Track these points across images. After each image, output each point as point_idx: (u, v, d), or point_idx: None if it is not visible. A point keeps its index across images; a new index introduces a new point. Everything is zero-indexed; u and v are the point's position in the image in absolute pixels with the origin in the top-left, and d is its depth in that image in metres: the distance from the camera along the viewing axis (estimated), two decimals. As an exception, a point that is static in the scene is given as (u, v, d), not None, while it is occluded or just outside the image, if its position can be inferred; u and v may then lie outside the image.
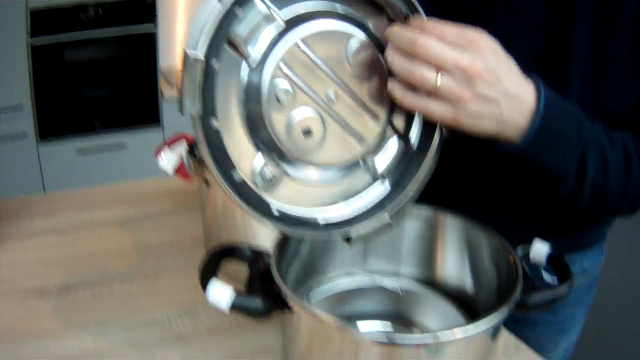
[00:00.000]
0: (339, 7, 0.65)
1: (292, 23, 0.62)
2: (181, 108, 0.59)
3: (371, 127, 0.68)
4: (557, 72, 0.79)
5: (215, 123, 0.61)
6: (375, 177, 0.72)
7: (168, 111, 2.90)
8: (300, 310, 0.62)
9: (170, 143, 1.04)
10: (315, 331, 0.63)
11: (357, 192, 0.72)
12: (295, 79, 0.63)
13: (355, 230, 0.71)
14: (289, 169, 0.67)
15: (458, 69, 0.60)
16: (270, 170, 0.66)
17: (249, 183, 0.65)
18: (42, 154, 2.74)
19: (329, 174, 0.70)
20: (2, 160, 2.65)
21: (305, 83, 0.63)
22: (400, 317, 0.79)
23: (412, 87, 0.63)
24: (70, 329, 0.83)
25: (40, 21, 2.56)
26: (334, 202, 0.71)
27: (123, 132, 2.87)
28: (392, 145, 0.71)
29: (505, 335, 0.83)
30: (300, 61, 0.63)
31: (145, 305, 0.88)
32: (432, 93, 0.62)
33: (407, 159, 0.72)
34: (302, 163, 0.68)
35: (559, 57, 0.80)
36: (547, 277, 0.82)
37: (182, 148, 1.04)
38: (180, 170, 1.00)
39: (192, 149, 0.95)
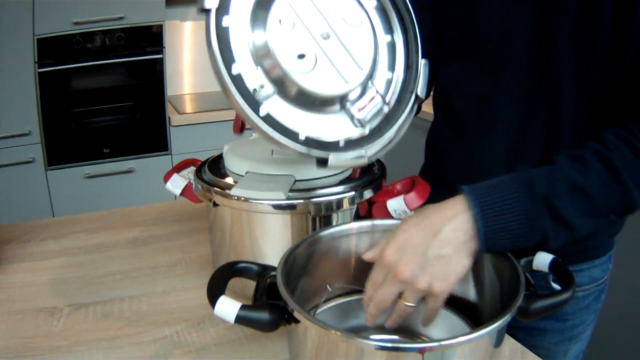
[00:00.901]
0: None
1: None
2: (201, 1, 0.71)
3: (356, 74, 0.79)
4: (546, 58, 0.84)
5: (226, 20, 0.72)
6: (354, 123, 0.81)
7: (176, 137, 2.92)
8: (306, 322, 0.63)
9: (178, 169, 1.06)
10: (321, 342, 0.64)
11: (338, 129, 0.80)
12: (297, 10, 0.76)
13: (333, 157, 0.77)
14: (280, 88, 0.77)
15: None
16: (263, 87, 0.75)
17: (244, 79, 0.74)
18: (50, 180, 2.76)
19: (315, 105, 0.79)
20: (12, 185, 2.67)
21: (305, 17, 0.77)
22: (407, 329, 0.79)
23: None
24: (80, 346, 0.84)
25: (47, 49, 2.60)
26: (317, 128, 0.79)
27: (131, 158, 2.89)
28: (372, 99, 0.81)
29: (511, 343, 0.83)
30: (303, 2, 0.77)
31: (154, 322, 0.89)
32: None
33: (384, 113, 0.82)
34: (292, 85, 0.76)
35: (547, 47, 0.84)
36: (555, 287, 0.82)
37: (189, 172, 1.05)
38: (187, 192, 1.02)
39: (200, 172, 0.97)
